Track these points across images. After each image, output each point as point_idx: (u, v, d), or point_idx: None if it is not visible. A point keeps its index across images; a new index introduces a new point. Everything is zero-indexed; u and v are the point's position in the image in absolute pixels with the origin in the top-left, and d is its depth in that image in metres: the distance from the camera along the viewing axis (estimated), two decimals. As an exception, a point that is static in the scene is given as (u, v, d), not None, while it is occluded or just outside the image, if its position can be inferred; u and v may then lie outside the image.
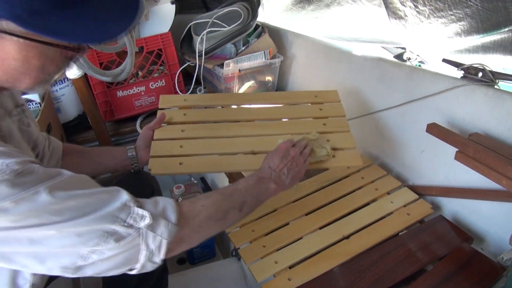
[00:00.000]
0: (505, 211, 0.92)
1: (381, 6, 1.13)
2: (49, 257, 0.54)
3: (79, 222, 0.53)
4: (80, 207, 0.54)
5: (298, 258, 0.91)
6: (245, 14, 1.61)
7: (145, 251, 0.58)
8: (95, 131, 1.53)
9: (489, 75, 0.95)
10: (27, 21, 0.49)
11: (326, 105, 1.17)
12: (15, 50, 0.54)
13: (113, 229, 0.55)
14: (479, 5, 0.89)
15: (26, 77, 0.58)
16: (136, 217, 0.57)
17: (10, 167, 0.51)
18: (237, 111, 1.15)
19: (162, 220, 0.60)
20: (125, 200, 0.58)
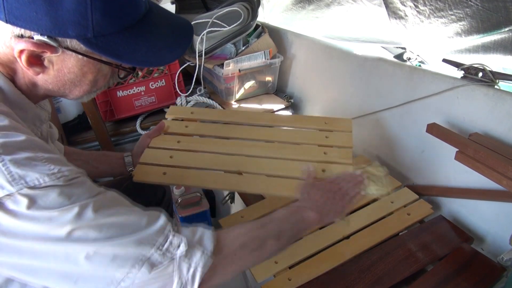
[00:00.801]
0: (505, 211, 0.92)
1: (381, 6, 1.13)
2: (81, 279, 0.51)
3: (117, 242, 0.52)
4: (120, 227, 0.53)
5: (298, 258, 0.91)
6: (245, 14, 1.61)
7: (178, 279, 0.55)
8: (95, 131, 1.53)
9: (489, 75, 0.95)
10: (94, 42, 0.55)
11: (335, 133, 1.08)
12: (76, 65, 0.58)
13: (148, 255, 0.53)
14: (480, 5, 0.89)
15: (78, 89, 0.63)
16: (172, 244, 0.55)
17: (62, 173, 0.51)
18: (238, 129, 1.12)
19: (199, 248, 0.57)
20: (164, 224, 0.57)
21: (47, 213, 0.48)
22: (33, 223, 0.48)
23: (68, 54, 0.56)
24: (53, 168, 0.51)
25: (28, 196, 0.48)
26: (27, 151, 0.50)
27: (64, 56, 0.57)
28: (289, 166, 0.97)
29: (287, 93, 1.78)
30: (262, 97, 1.74)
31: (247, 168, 0.97)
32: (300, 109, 1.72)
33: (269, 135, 1.09)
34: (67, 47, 0.55)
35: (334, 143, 1.04)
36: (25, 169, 0.48)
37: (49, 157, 0.52)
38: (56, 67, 0.58)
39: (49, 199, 0.49)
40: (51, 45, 0.54)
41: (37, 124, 0.66)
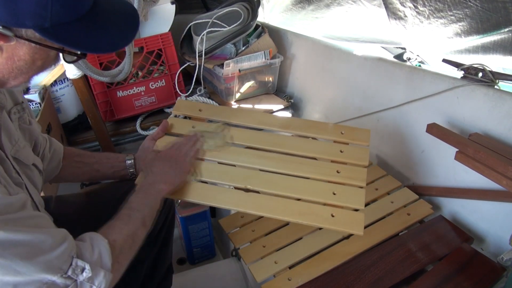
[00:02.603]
0: (505, 211, 0.92)
1: (381, 7, 1.13)
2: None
3: (19, 268, 0.51)
4: (24, 249, 0.52)
5: (298, 258, 0.91)
6: (245, 14, 1.61)
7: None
8: (95, 131, 1.53)
9: (489, 75, 0.96)
10: (51, 32, 0.54)
11: (351, 147, 0.99)
12: (27, 53, 0.58)
13: (51, 280, 0.54)
14: (479, 6, 0.89)
15: (23, 76, 0.62)
16: (76, 269, 0.57)
17: None
18: (248, 134, 1.03)
19: (101, 271, 0.60)
20: (67, 247, 0.58)
21: None
22: None
23: (21, 42, 0.56)
24: None
25: None
26: None
27: (17, 45, 0.56)
28: (299, 186, 0.91)
29: (287, 93, 1.78)
30: (262, 97, 1.74)
31: (254, 184, 0.91)
32: (300, 109, 1.72)
33: (281, 144, 1.00)
34: (21, 36, 0.55)
35: (348, 159, 0.96)
36: None
37: None
38: (6, 55, 0.57)
39: None
40: (5, 35, 0.54)
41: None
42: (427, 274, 0.85)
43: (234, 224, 1.04)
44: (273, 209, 0.87)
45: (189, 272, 1.31)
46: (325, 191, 0.89)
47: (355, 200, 0.88)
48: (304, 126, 1.04)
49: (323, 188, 0.90)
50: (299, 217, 0.85)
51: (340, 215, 0.86)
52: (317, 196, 0.89)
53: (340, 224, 0.84)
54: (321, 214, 0.86)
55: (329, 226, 0.85)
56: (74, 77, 1.38)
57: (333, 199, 0.88)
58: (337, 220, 0.85)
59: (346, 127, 1.03)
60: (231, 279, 1.21)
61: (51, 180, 0.94)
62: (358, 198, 0.88)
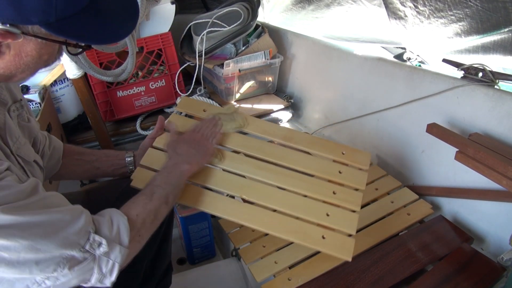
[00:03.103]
0: (505, 211, 0.92)
1: (381, 6, 1.13)
2: (4, 281, 0.54)
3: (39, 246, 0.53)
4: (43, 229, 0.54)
5: (298, 258, 0.91)
6: (245, 14, 1.61)
7: (97, 274, 0.60)
8: (95, 131, 1.53)
9: (489, 75, 0.96)
10: (56, 26, 0.54)
11: (350, 169, 0.98)
12: (34, 49, 0.58)
13: (71, 255, 0.56)
14: (479, 6, 0.89)
15: (28, 71, 0.62)
16: (93, 244, 0.59)
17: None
18: (249, 141, 1.02)
19: (117, 246, 0.62)
20: (84, 223, 0.59)
21: None
22: None
23: (28, 39, 0.57)
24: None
25: None
26: None
27: (24, 41, 0.57)
28: (294, 203, 0.90)
29: (287, 93, 1.78)
30: (262, 97, 1.74)
31: (250, 195, 0.90)
32: (300, 109, 1.72)
33: (281, 156, 0.98)
34: (28, 32, 0.56)
35: (346, 181, 0.95)
36: None
37: None
38: (13, 52, 0.58)
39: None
40: (13, 33, 0.54)
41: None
42: (427, 274, 0.85)
43: (234, 224, 1.04)
44: (265, 223, 0.87)
45: (189, 272, 1.31)
46: (319, 211, 0.88)
47: (348, 224, 0.86)
48: (306, 141, 1.03)
49: (317, 208, 0.89)
50: (290, 235, 0.86)
51: (330, 238, 0.85)
52: (310, 216, 0.88)
53: (330, 247, 0.84)
54: (312, 234, 0.86)
55: (319, 247, 0.85)
56: (74, 77, 1.38)
57: (326, 220, 0.87)
58: (327, 243, 0.85)
59: (347, 147, 1.02)
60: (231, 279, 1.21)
61: (51, 177, 0.94)
62: (350, 222, 0.87)
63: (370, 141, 1.33)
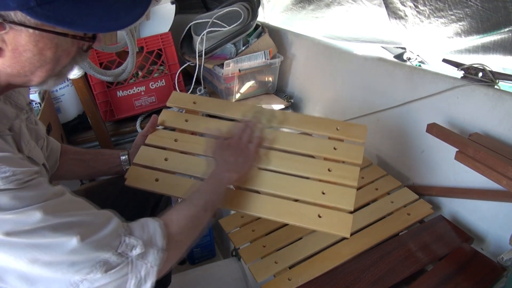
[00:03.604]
0: (505, 211, 0.92)
1: (381, 6, 1.13)
2: (40, 281, 0.53)
3: (74, 247, 0.52)
4: (76, 230, 0.53)
5: (298, 258, 0.91)
6: (245, 14, 1.61)
7: (133, 279, 0.58)
8: (95, 131, 1.53)
9: (489, 75, 0.95)
10: (38, 11, 0.49)
11: (345, 145, 0.94)
12: (29, 41, 0.53)
13: (105, 258, 0.55)
14: (479, 5, 0.89)
15: (40, 70, 0.58)
16: (127, 246, 0.58)
17: (16, 176, 0.50)
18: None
19: (152, 248, 0.60)
20: (116, 226, 0.58)
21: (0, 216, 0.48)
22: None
23: (18, 29, 0.51)
24: (7, 171, 0.50)
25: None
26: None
27: (15, 33, 0.52)
28: (288, 184, 0.89)
29: (287, 93, 1.78)
30: (262, 97, 1.75)
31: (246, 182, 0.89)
32: (300, 109, 1.72)
33: (274, 139, 0.97)
34: (13, 21, 0.50)
35: (341, 157, 0.92)
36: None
37: (3, 157, 0.51)
38: (11, 47, 0.53)
39: (2, 202, 0.48)
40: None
41: (4, 122, 0.63)
42: (427, 274, 0.85)
43: (234, 224, 1.04)
44: (259, 207, 0.85)
45: (189, 272, 1.31)
46: (315, 190, 0.86)
47: (345, 201, 0.84)
48: (299, 121, 1.00)
49: (312, 187, 0.87)
50: (285, 217, 0.84)
51: (327, 216, 0.83)
52: (305, 196, 0.86)
53: (327, 225, 0.82)
54: (308, 214, 0.83)
55: (315, 227, 0.82)
56: (74, 77, 1.38)
57: (322, 199, 0.85)
58: (323, 221, 0.82)
59: (342, 122, 0.98)
60: (231, 279, 1.21)
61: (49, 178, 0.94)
62: (348, 198, 0.84)
63: (370, 141, 1.32)
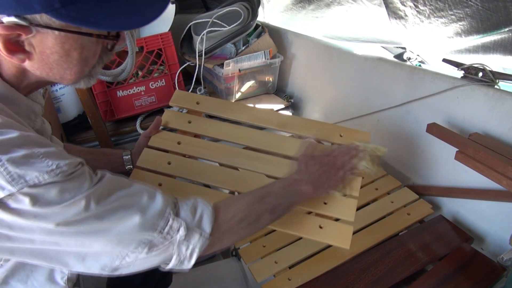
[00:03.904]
0: (505, 211, 0.92)
1: (381, 6, 1.13)
2: (89, 256, 0.55)
3: (121, 228, 0.55)
4: (123, 211, 0.56)
5: (298, 258, 0.91)
6: (245, 14, 1.61)
7: (176, 256, 0.61)
8: (95, 131, 1.53)
9: (489, 75, 0.95)
10: (63, 12, 0.49)
11: None
12: (56, 43, 0.54)
13: (150, 238, 0.57)
14: (479, 5, 0.89)
15: (69, 71, 0.59)
16: (172, 227, 0.59)
17: (60, 168, 0.52)
18: (244, 131, 0.99)
19: (197, 232, 0.62)
20: (164, 207, 0.60)
21: (50, 209, 0.50)
22: (38, 219, 0.49)
23: (44, 32, 0.52)
24: (52, 164, 0.51)
25: (30, 195, 0.48)
26: (23, 148, 0.50)
27: (41, 36, 0.53)
28: None
29: (287, 93, 1.78)
30: (262, 97, 1.74)
31: (245, 189, 0.86)
32: (300, 109, 1.72)
33: (276, 145, 0.96)
34: (39, 24, 0.51)
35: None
36: (23, 168, 0.49)
37: (46, 151, 0.52)
38: (38, 50, 0.54)
39: (50, 195, 0.50)
40: (23, 25, 0.51)
41: (32, 118, 0.65)
42: (427, 274, 0.85)
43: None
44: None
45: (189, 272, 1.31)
46: (316, 200, 0.85)
47: (346, 212, 0.84)
48: (302, 126, 1.00)
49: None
50: (288, 227, 0.84)
51: (328, 227, 0.83)
52: (307, 205, 0.85)
53: (327, 236, 0.83)
54: (309, 224, 0.84)
55: (316, 238, 0.83)
56: (74, 77, 1.38)
57: (323, 209, 0.85)
58: (324, 232, 0.83)
59: (345, 129, 0.98)
60: (231, 279, 1.21)
61: None
62: (349, 209, 0.84)
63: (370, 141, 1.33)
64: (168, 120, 1.02)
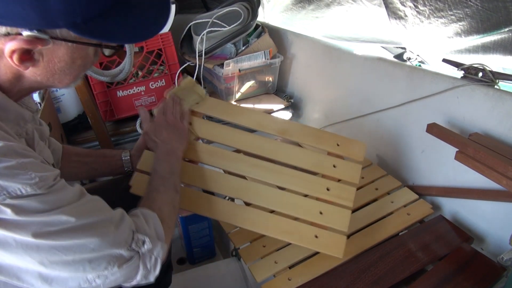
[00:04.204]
0: (505, 211, 0.92)
1: (381, 6, 1.13)
2: (56, 280, 0.55)
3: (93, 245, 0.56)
4: (96, 230, 0.57)
5: (298, 258, 0.91)
6: (245, 14, 1.61)
7: (142, 270, 0.62)
8: (95, 131, 1.53)
9: (489, 75, 0.95)
10: (83, 27, 0.53)
11: (344, 163, 0.96)
12: (66, 53, 0.57)
13: (119, 253, 0.59)
14: (479, 5, 0.89)
15: (68, 77, 0.62)
16: (138, 242, 0.62)
17: (44, 181, 0.53)
18: (243, 137, 0.99)
19: (159, 242, 0.65)
20: (129, 223, 0.62)
21: (29, 219, 0.50)
22: (16, 230, 0.50)
23: (58, 43, 0.55)
24: (34, 177, 0.52)
25: (11, 206, 0.49)
26: (5, 159, 0.51)
27: (54, 47, 0.55)
28: (288, 202, 0.91)
29: (287, 93, 1.78)
30: (262, 97, 1.75)
31: (249, 198, 0.92)
32: (300, 109, 1.72)
33: (276, 152, 0.97)
34: (57, 37, 0.54)
35: (340, 175, 0.95)
36: (6, 180, 0.49)
37: (29, 162, 0.53)
38: (46, 58, 0.57)
39: (31, 207, 0.51)
40: (42, 39, 0.53)
41: (21, 124, 0.65)
42: (427, 274, 0.85)
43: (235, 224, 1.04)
44: (260, 224, 0.89)
45: (189, 272, 1.31)
46: (313, 210, 0.90)
47: (340, 222, 0.89)
48: (300, 133, 1.00)
49: (311, 206, 0.91)
50: (285, 236, 0.88)
51: (323, 236, 0.88)
52: (304, 215, 0.90)
53: (322, 246, 0.88)
54: (306, 234, 0.88)
55: (312, 247, 0.88)
56: (74, 77, 1.38)
57: (319, 219, 0.89)
58: (320, 242, 0.88)
59: (342, 138, 0.99)
60: (231, 279, 1.21)
61: None
62: (343, 219, 0.89)
63: (370, 141, 1.32)
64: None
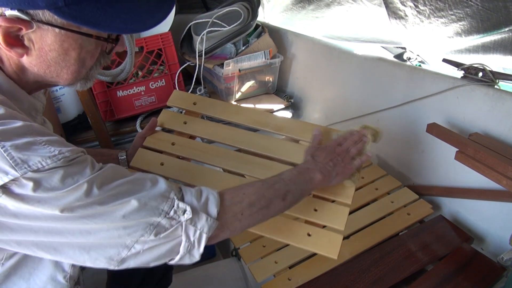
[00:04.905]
0: (505, 211, 0.92)
1: (381, 6, 1.13)
2: (95, 247, 0.55)
3: (125, 213, 0.54)
4: (126, 197, 0.55)
5: (298, 258, 0.91)
6: (245, 14, 1.61)
7: (185, 242, 0.59)
8: (95, 131, 1.53)
9: (489, 75, 0.95)
10: (66, 11, 0.51)
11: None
12: (55, 41, 0.55)
13: (156, 222, 0.56)
14: (480, 5, 0.89)
15: (65, 71, 0.60)
16: (177, 210, 0.58)
17: (63, 154, 0.52)
18: (239, 134, 0.98)
19: (203, 215, 0.60)
20: (167, 190, 0.59)
21: (53, 194, 0.50)
22: (41, 205, 0.49)
23: (45, 29, 0.54)
24: (54, 150, 0.51)
25: (33, 179, 0.49)
26: (26, 137, 0.51)
27: (42, 32, 0.54)
28: None
29: (287, 93, 1.78)
30: (262, 97, 1.74)
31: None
32: (300, 109, 1.72)
33: (270, 149, 0.94)
34: (40, 20, 0.53)
35: None
36: (26, 154, 0.49)
37: (48, 139, 0.53)
38: (37, 46, 0.56)
39: (53, 180, 0.50)
40: (24, 20, 0.52)
41: (33, 115, 0.66)
42: (427, 274, 0.85)
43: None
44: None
45: (189, 272, 1.31)
46: (306, 207, 0.82)
47: (337, 220, 0.81)
48: (298, 129, 0.98)
49: (304, 202, 0.82)
50: (274, 233, 0.81)
51: (316, 235, 0.80)
52: (297, 212, 0.82)
53: (315, 245, 0.79)
54: (297, 232, 0.81)
55: (303, 246, 0.80)
56: (74, 77, 1.38)
57: (313, 216, 0.81)
58: (312, 241, 0.80)
59: (341, 131, 0.96)
60: (231, 279, 1.21)
61: None
62: (340, 217, 0.81)
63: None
64: (164, 121, 1.01)
